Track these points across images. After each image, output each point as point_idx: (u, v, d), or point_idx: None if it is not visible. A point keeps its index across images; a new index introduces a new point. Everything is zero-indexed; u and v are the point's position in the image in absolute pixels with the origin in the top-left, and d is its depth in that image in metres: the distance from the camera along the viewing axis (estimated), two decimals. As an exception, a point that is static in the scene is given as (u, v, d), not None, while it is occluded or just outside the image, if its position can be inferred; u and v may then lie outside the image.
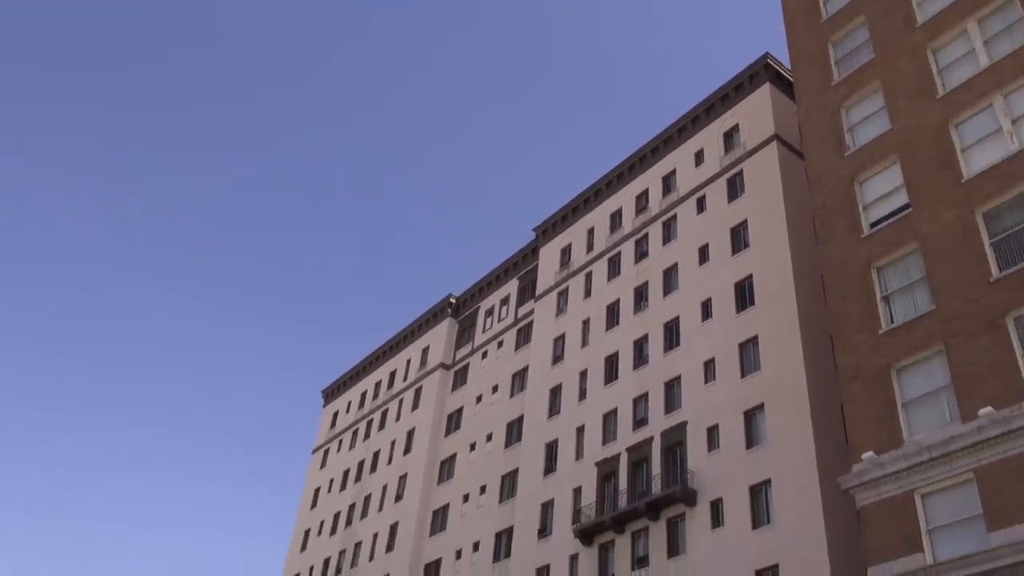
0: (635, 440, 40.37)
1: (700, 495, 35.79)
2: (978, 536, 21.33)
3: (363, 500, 61.13)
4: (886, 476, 23.53)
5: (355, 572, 57.12)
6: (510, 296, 58.34)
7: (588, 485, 41.76)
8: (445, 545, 51.08)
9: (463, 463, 53.71)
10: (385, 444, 62.22)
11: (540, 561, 42.35)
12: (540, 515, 44.02)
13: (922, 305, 25.46)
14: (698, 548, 34.85)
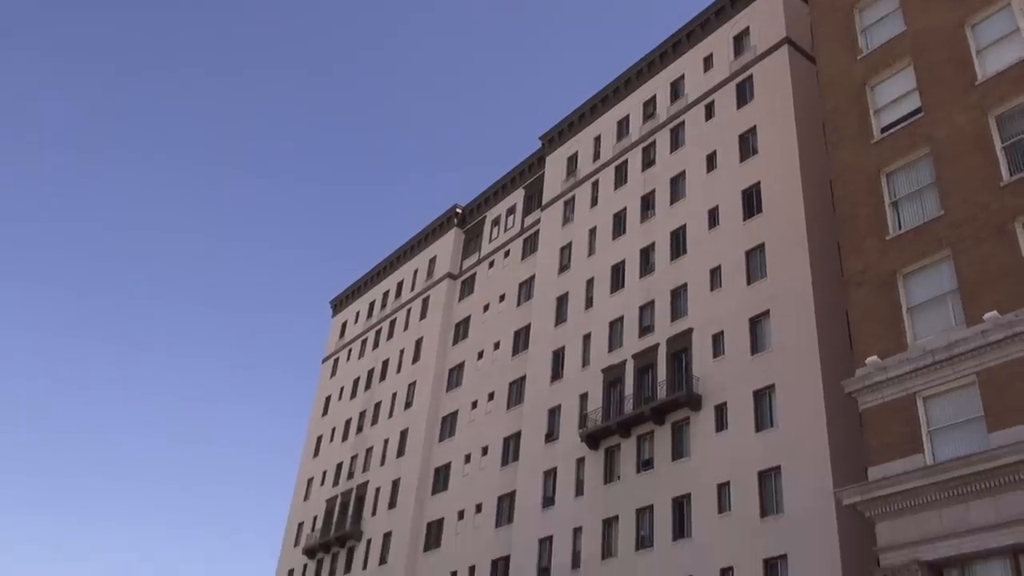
0: (641, 347, 40.82)
1: (705, 400, 36.39)
2: (978, 437, 21.75)
3: (373, 407, 62.29)
4: (889, 380, 23.87)
5: (367, 476, 58.62)
6: (516, 206, 58.18)
7: (594, 391, 42.44)
8: (455, 449, 52.24)
9: (471, 371, 54.49)
10: (394, 353, 63.04)
11: (547, 464, 43.35)
12: (547, 420, 44.87)
13: (931, 210, 25.38)
14: (702, 451, 35.61)
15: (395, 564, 51.75)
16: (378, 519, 55.34)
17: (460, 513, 49.26)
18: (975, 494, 21.06)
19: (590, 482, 40.25)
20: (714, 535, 33.35)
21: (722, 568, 32.47)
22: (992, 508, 20.70)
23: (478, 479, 49.02)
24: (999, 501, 20.62)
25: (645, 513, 36.84)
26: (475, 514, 48.05)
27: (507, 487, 46.17)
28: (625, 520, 37.45)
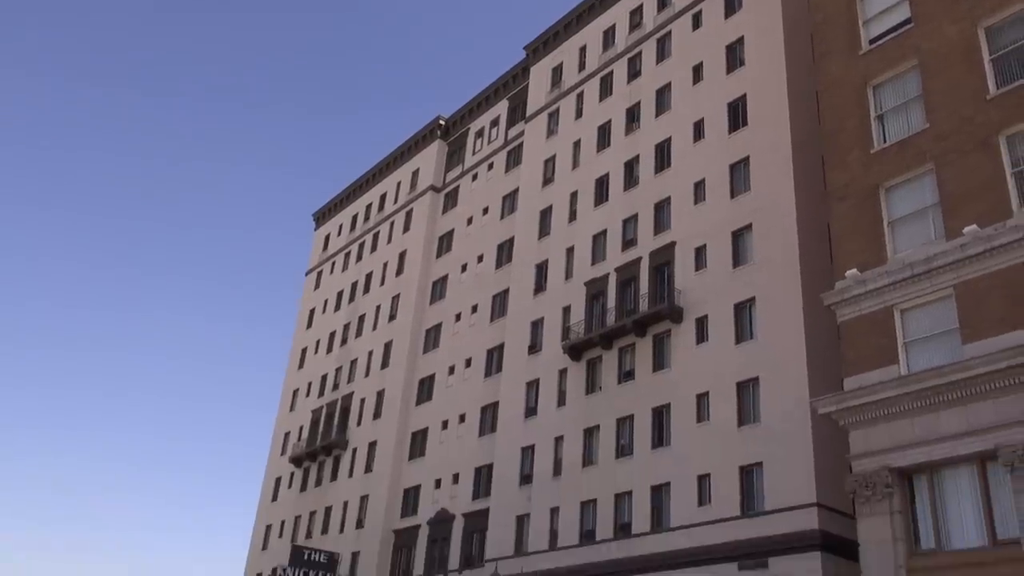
0: (624, 260, 41.02)
1: (686, 312, 36.80)
2: (952, 349, 22.19)
3: (357, 320, 62.62)
4: (868, 292, 24.18)
5: (352, 387, 59.33)
6: (500, 117, 57.49)
7: (577, 304, 42.79)
8: (438, 361, 52.82)
9: (455, 283, 54.70)
10: (377, 266, 63.07)
11: (530, 376, 43.98)
12: (530, 333, 45.33)
13: (916, 123, 25.30)
14: (682, 362, 36.20)
15: (381, 472, 52.84)
16: (363, 429, 56.25)
17: (444, 423, 50.11)
18: (947, 404, 21.59)
19: (572, 393, 40.95)
20: (692, 443, 34.17)
21: (699, 475, 33.38)
22: (963, 417, 21.26)
23: (462, 390, 49.72)
24: (969, 410, 21.17)
25: (625, 422, 37.61)
26: (459, 424, 48.91)
27: (490, 398, 46.89)
28: (606, 429, 38.26)
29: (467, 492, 45.99)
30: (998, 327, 21.19)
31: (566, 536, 37.96)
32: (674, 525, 33.51)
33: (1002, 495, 20.50)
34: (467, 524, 45.06)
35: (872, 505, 22.26)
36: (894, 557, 21.43)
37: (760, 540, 30.13)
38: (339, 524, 54.66)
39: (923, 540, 21.70)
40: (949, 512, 21.56)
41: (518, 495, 41.52)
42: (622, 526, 35.86)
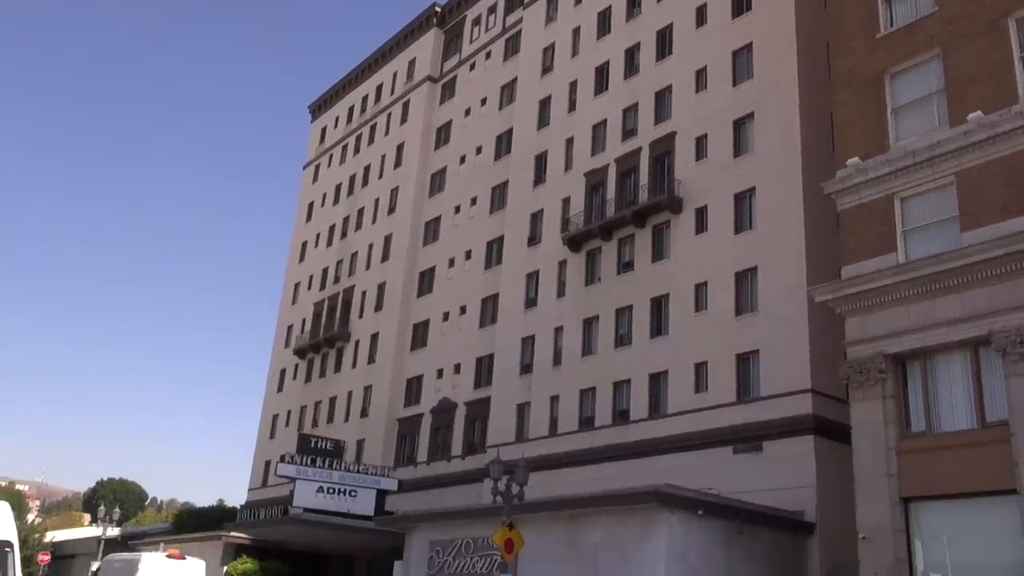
0: (624, 150, 40.65)
1: (686, 203, 36.70)
2: (950, 237, 22.26)
3: (356, 213, 62.51)
4: (868, 181, 24.08)
5: (353, 280, 59.72)
6: (498, 4, 55.90)
7: (577, 195, 42.63)
8: (438, 254, 53.01)
9: (453, 175, 54.36)
10: (375, 158, 62.54)
11: (530, 267, 44.21)
12: (530, 224, 45.32)
13: (924, 6, 24.67)
14: (681, 253, 36.32)
15: (383, 363, 53.74)
16: (365, 321, 56.91)
17: (445, 315, 50.65)
18: (943, 291, 21.80)
19: (571, 284, 41.25)
20: (690, 332, 34.63)
21: (696, 363, 33.95)
22: (958, 304, 21.50)
23: (462, 282, 50.07)
24: (965, 297, 21.39)
25: (624, 313, 38.02)
26: (459, 315, 49.44)
27: (490, 289, 47.26)
28: (605, 319, 38.70)
29: (468, 382, 46.88)
30: (998, 214, 21.19)
31: (566, 423, 38.90)
32: (671, 412, 34.29)
33: (993, 379, 20.95)
34: (469, 412, 46.12)
35: (865, 390, 22.75)
36: (885, 439, 22.03)
37: (755, 425, 30.89)
38: (344, 413, 55.95)
39: (914, 423, 22.26)
40: (940, 396, 22.06)
41: (518, 384, 42.33)
42: (620, 413, 36.69)
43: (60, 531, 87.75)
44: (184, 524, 60.58)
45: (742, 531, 26.55)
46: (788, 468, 29.24)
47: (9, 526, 12.29)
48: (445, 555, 33.05)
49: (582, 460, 36.54)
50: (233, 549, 46.76)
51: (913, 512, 21.55)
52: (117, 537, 59.29)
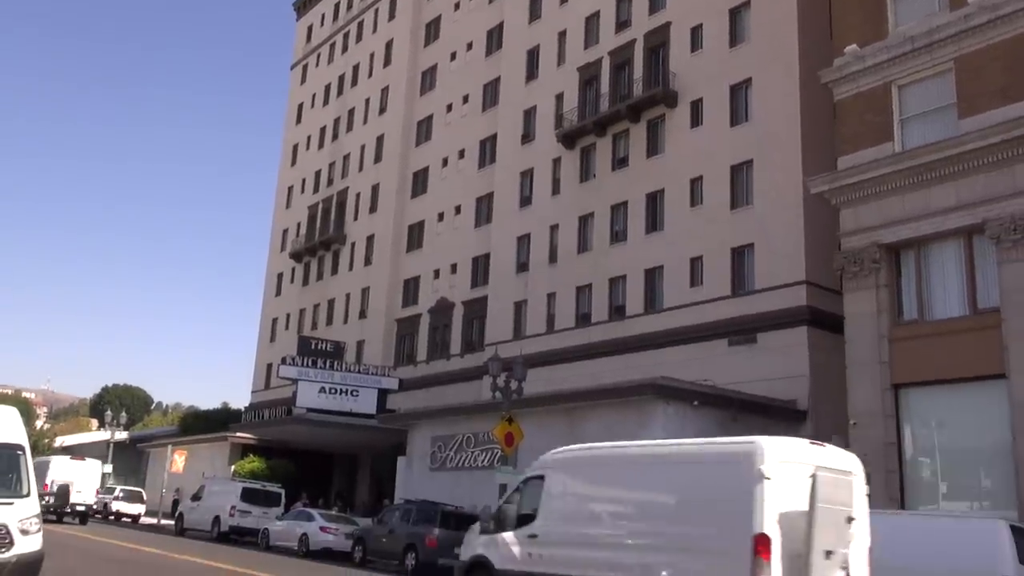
0: (617, 43, 39.80)
1: (681, 96, 36.17)
2: (947, 125, 22.08)
3: (347, 114, 61.60)
4: (866, 69, 23.73)
5: (346, 182, 59.33)
6: None
7: (570, 91, 41.96)
8: (431, 154, 52.51)
9: (444, 73, 53.36)
10: (364, 57, 61.23)
11: (524, 165, 43.88)
12: (523, 121, 44.76)
13: None
14: (676, 147, 36.02)
15: (380, 264, 53.91)
16: (360, 223, 56.81)
17: (440, 215, 50.55)
18: (938, 180, 21.75)
19: (566, 181, 41.04)
20: (685, 227, 34.66)
21: (691, 257, 34.10)
22: (953, 192, 21.49)
23: (456, 181, 49.77)
24: (960, 185, 21.36)
25: (619, 209, 37.96)
26: (455, 215, 49.34)
27: (485, 188, 47.02)
28: (600, 216, 38.67)
29: (465, 281, 47.13)
30: (997, 100, 20.97)
31: (563, 320, 39.31)
32: (667, 306, 34.62)
33: (986, 267, 21.12)
34: (466, 311, 46.53)
35: (859, 280, 22.95)
36: (877, 328, 22.35)
37: (750, 317, 31.24)
38: (343, 315, 56.42)
39: (906, 312, 22.55)
40: (933, 285, 22.28)
41: (515, 282, 42.58)
42: (616, 309, 37.04)
43: (69, 436, 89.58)
44: (190, 427, 61.90)
45: (736, 419, 27.16)
46: (782, 358, 29.73)
47: (19, 431, 12.53)
48: (447, 450, 33.93)
49: (579, 355, 37.07)
50: (239, 449, 47.92)
51: (903, 398, 22.04)
52: (126, 440, 60.65)
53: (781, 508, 10.90)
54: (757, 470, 11.06)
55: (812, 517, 10.77)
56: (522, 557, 13.81)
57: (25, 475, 12.09)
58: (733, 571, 10.81)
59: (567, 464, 14.46)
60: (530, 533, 13.90)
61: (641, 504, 12.77)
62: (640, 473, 13.15)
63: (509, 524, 14.51)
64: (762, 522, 10.77)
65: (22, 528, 11.35)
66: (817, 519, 10.79)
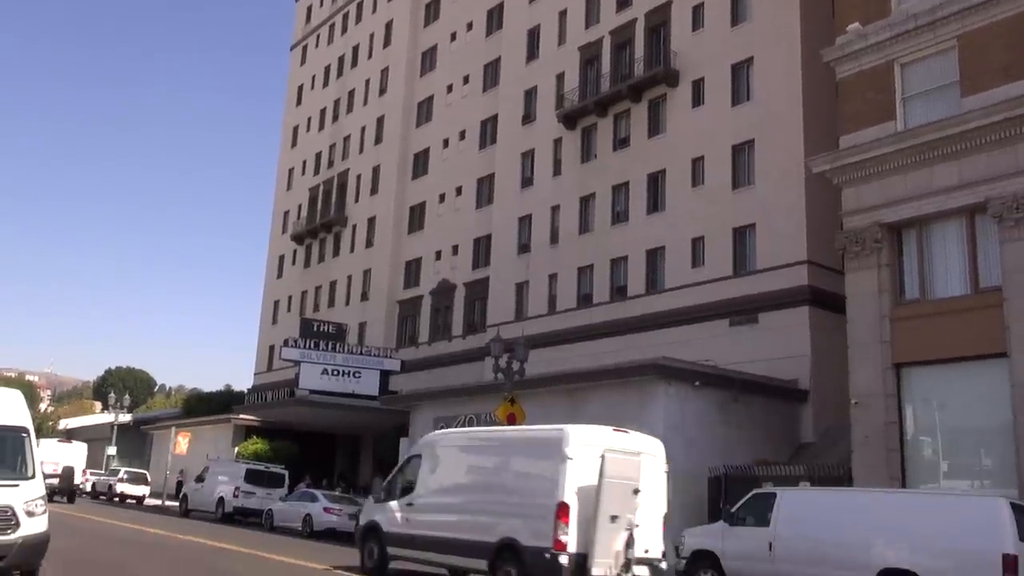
0: (618, 22, 39.59)
1: (682, 75, 36.02)
2: (950, 103, 21.95)
3: (347, 95, 61.39)
4: (868, 47, 23.56)
5: (347, 164, 59.20)
6: None
7: (571, 70, 41.79)
8: (432, 135, 52.38)
9: (445, 53, 53.14)
10: (364, 38, 60.97)
11: (525, 146, 43.78)
12: (524, 102, 44.62)
13: None
14: (678, 127, 35.91)
15: (381, 246, 53.90)
16: (361, 205, 56.75)
17: (441, 196, 50.48)
18: (941, 158, 21.65)
19: (567, 162, 40.95)
20: (687, 207, 34.61)
21: (693, 238, 34.08)
22: (955, 171, 21.39)
23: (457, 163, 49.68)
24: (963, 164, 21.26)
25: (621, 189, 37.90)
26: (456, 197, 49.29)
27: (486, 169, 46.93)
28: (601, 197, 38.61)
29: (467, 262, 47.13)
30: (1000, 78, 20.84)
31: (564, 301, 39.34)
32: (668, 287, 34.63)
33: (988, 246, 21.04)
34: (468, 293, 46.56)
35: (861, 260, 22.90)
36: (879, 307, 22.32)
37: (751, 297, 31.26)
38: (344, 297, 56.47)
39: (908, 291, 22.50)
40: (935, 264, 22.21)
41: (517, 264, 42.58)
42: (618, 289, 37.06)
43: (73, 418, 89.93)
44: (193, 409, 62.11)
45: (737, 400, 27.25)
46: (783, 338, 29.76)
47: (24, 413, 12.60)
48: (449, 431, 33.98)
49: (581, 336, 37.13)
50: (243, 431, 48.11)
51: (905, 377, 22.04)
52: (129, 423, 60.91)
53: (579, 482, 13.71)
54: (562, 452, 13.99)
55: (600, 489, 13.46)
56: (402, 521, 16.75)
57: (30, 457, 12.16)
58: (544, 530, 13.70)
59: (437, 445, 17.40)
60: (408, 502, 16.82)
61: (487, 477, 15.78)
62: (488, 453, 16.26)
63: (394, 494, 17.46)
64: (563, 492, 13.72)
65: (27, 510, 11.43)
66: (604, 490, 13.46)
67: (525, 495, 14.58)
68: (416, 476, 17.05)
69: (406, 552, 16.68)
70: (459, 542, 15.24)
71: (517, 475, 15.08)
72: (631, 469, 13.93)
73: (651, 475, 14.52)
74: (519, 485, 14.88)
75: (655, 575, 14.41)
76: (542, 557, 13.58)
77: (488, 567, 14.57)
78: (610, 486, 13.53)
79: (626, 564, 13.67)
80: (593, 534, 13.40)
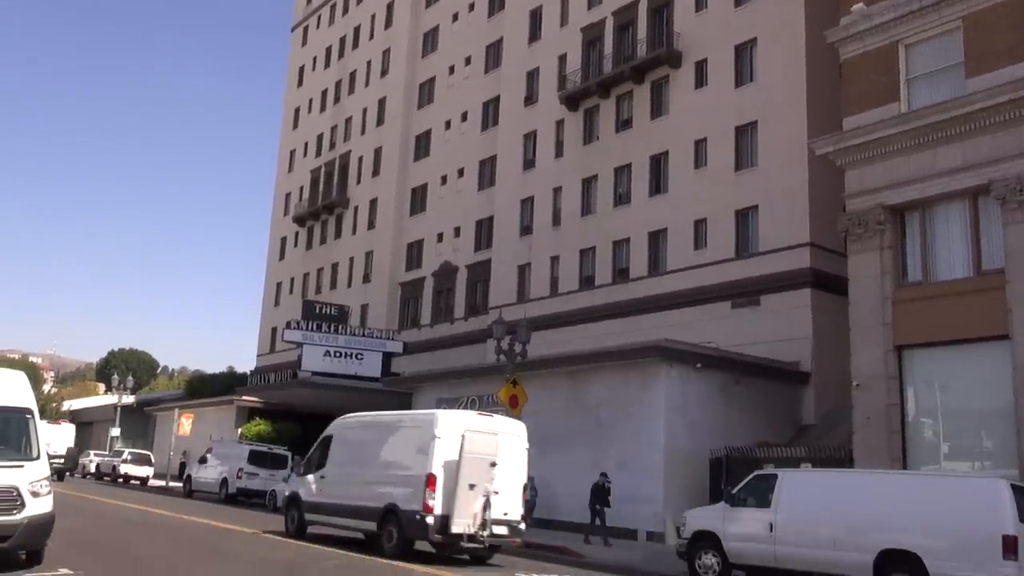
0: (621, 3, 39.35)
1: (685, 56, 35.85)
2: (954, 85, 21.84)
3: (348, 76, 61.17)
4: (873, 28, 23.43)
5: (349, 146, 59.06)
6: None
7: (573, 52, 41.59)
8: (434, 116, 52.21)
9: (446, 34, 52.90)
10: (365, 19, 60.66)
11: (527, 128, 43.64)
12: (526, 83, 44.44)
13: None
14: (680, 108, 35.77)
15: (383, 228, 53.86)
16: (363, 187, 56.66)
17: (443, 178, 50.39)
18: (944, 140, 21.56)
19: (569, 143, 40.83)
20: (689, 189, 34.54)
21: (695, 220, 34.02)
22: (959, 153, 21.31)
23: (459, 144, 49.55)
24: (967, 146, 21.18)
25: (623, 171, 37.80)
26: (457, 179, 49.20)
27: (488, 151, 46.81)
28: (604, 178, 38.53)
29: (469, 244, 47.11)
30: (1004, 59, 20.72)
31: (566, 283, 39.33)
32: (670, 269, 34.61)
33: (991, 228, 21.00)
34: (470, 275, 46.56)
35: (863, 242, 22.86)
36: (881, 289, 22.31)
37: (753, 279, 31.24)
38: (346, 279, 56.49)
39: (910, 273, 22.48)
40: (938, 246, 22.18)
41: (519, 245, 42.55)
42: (620, 271, 37.04)
43: (76, 400, 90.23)
44: (196, 390, 62.26)
45: (739, 382, 27.30)
46: (785, 320, 29.78)
47: (28, 394, 12.64)
48: (451, 412, 34.09)
49: (583, 318, 37.15)
50: (246, 412, 48.24)
51: (907, 359, 22.06)
52: (133, 404, 61.08)
53: (446, 457, 16.61)
54: (432, 432, 16.90)
55: (460, 462, 16.40)
56: (316, 491, 19.92)
57: (35, 438, 12.21)
58: (417, 497, 16.66)
59: (343, 427, 20.74)
60: (321, 475, 20.05)
61: (376, 454, 18.92)
62: (377, 434, 19.42)
63: (311, 469, 20.64)
64: (432, 466, 16.67)
65: (32, 490, 11.49)
66: (463, 463, 16.39)
67: (403, 468, 17.68)
68: (327, 454, 20.28)
69: (319, 517, 19.69)
70: (356, 508, 18.24)
71: (397, 452, 18.24)
72: (489, 446, 16.78)
73: (510, 451, 17.36)
74: (399, 460, 18.04)
75: (513, 533, 17.28)
76: (414, 518, 16.58)
77: (376, 527, 17.55)
78: (469, 460, 16.45)
79: (483, 524, 16.48)
80: (454, 499, 16.30)
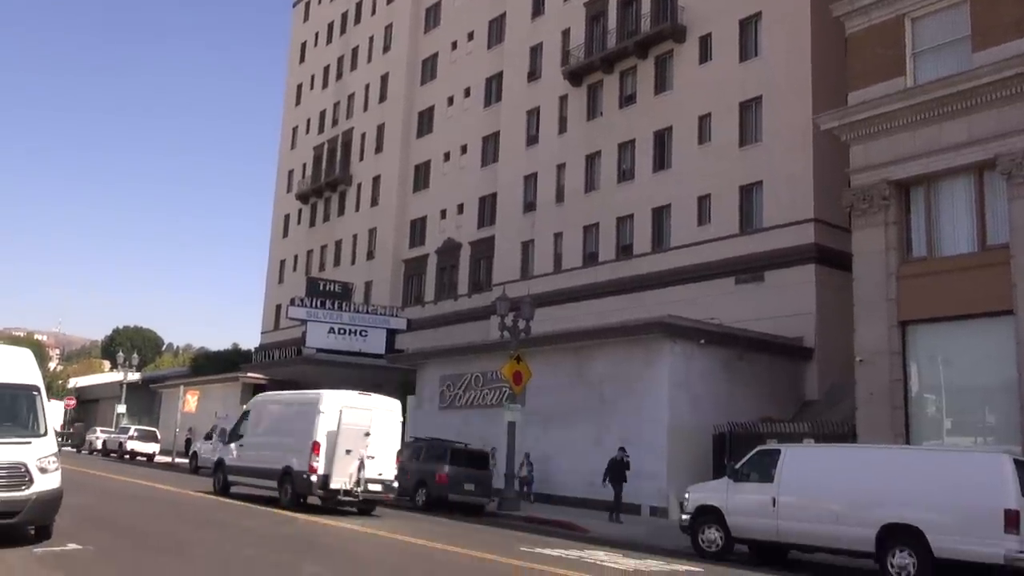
0: (625, -23, 39.02)
1: (689, 31, 35.61)
2: (961, 58, 21.68)
3: (351, 52, 60.84)
4: (879, 1, 23.24)
5: (351, 122, 58.85)
6: None
7: (576, 27, 41.31)
8: (437, 93, 51.97)
9: (448, 10, 52.56)
10: (367, -7, 60.24)
11: (530, 104, 43.44)
12: (529, 59, 44.18)
13: None
14: (685, 83, 35.57)
15: (386, 205, 53.79)
16: (366, 164, 56.53)
17: (446, 155, 50.25)
18: (950, 115, 21.44)
19: (573, 119, 40.66)
20: (693, 165, 34.41)
21: (699, 195, 33.92)
22: (964, 127, 21.20)
23: (462, 121, 49.37)
24: (972, 120, 21.06)
25: (627, 147, 37.66)
26: (461, 155, 49.06)
27: (491, 127, 46.64)
28: (607, 154, 38.39)
29: (472, 221, 47.05)
30: (1011, 33, 20.56)
31: (570, 259, 39.31)
32: (674, 245, 34.56)
33: (996, 203, 20.93)
34: (474, 252, 46.54)
35: (868, 217, 22.80)
36: (886, 265, 22.28)
37: (758, 255, 31.19)
38: (350, 256, 56.50)
39: (915, 249, 22.44)
40: (943, 221, 22.11)
41: (522, 222, 42.48)
42: (624, 248, 37.00)
43: (82, 377, 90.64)
44: (201, 367, 62.50)
45: (743, 358, 27.35)
46: (789, 296, 29.76)
47: (34, 372, 12.70)
48: (456, 388, 34.26)
49: (586, 295, 37.16)
50: (251, 389, 48.38)
51: (910, 335, 22.06)
52: (138, 381, 61.35)
53: (327, 428, 20.36)
54: (317, 408, 20.72)
55: (338, 432, 20.23)
56: (236, 457, 23.53)
57: (42, 415, 12.28)
58: (304, 460, 20.35)
59: (257, 404, 24.59)
60: (239, 444, 23.71)
61: (278, 425, 22.78)
62: (283, 409, 23.37)
63: (233, 439, 24.22)
64: (316, 435, 20.39)
65: (40, 466, 11.56)
66: (340, 433, 20.23)
67: (296, 437, 21.15)
68: (246, 425, 24.00)
69: (238, 479, 23.26)
70: (264, 470, 21.82)
71: (293, 425, 21.72)
72: (363, 419, 20.50)
73: (384, 423, 21.06)
74: (293, 431, 21.49)
75: (387, 490, 20.93)
76: (303, 477, 20.39)
77: (277, 486, 21.29)
78: (346, 430, 20.25)
79: (358, 481, 20.16)
80: (333, 462, 20.06)
